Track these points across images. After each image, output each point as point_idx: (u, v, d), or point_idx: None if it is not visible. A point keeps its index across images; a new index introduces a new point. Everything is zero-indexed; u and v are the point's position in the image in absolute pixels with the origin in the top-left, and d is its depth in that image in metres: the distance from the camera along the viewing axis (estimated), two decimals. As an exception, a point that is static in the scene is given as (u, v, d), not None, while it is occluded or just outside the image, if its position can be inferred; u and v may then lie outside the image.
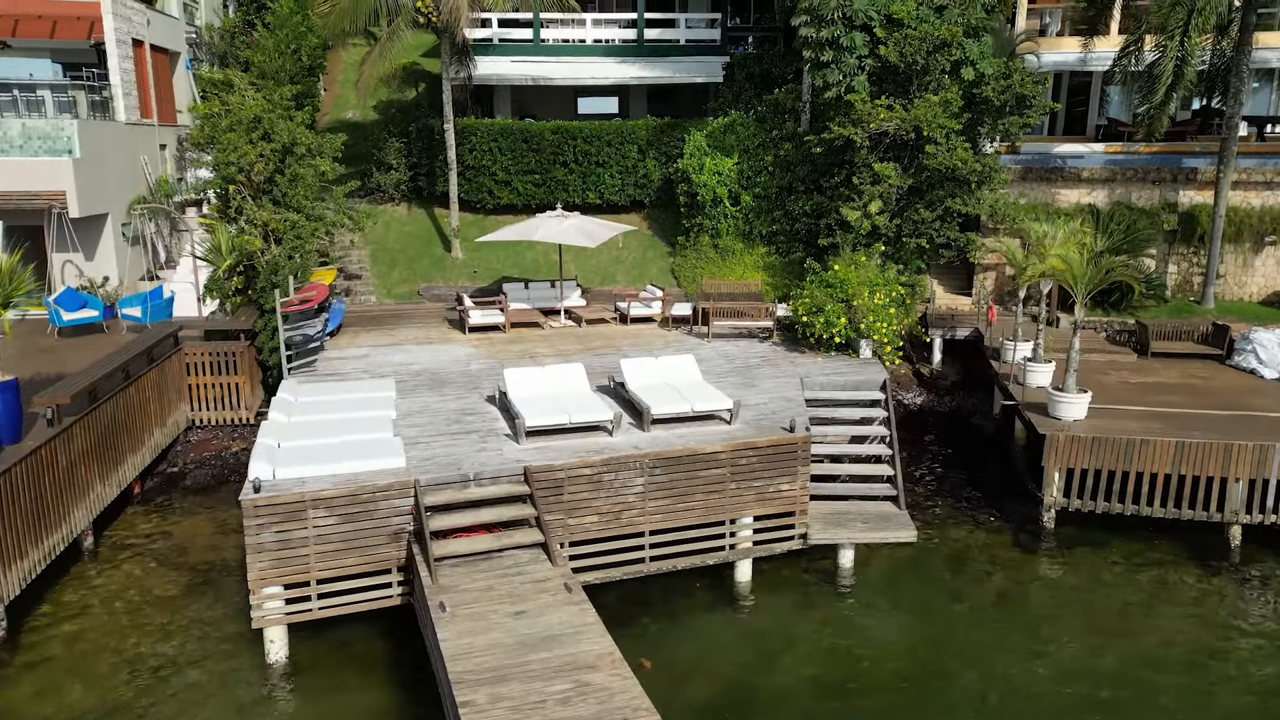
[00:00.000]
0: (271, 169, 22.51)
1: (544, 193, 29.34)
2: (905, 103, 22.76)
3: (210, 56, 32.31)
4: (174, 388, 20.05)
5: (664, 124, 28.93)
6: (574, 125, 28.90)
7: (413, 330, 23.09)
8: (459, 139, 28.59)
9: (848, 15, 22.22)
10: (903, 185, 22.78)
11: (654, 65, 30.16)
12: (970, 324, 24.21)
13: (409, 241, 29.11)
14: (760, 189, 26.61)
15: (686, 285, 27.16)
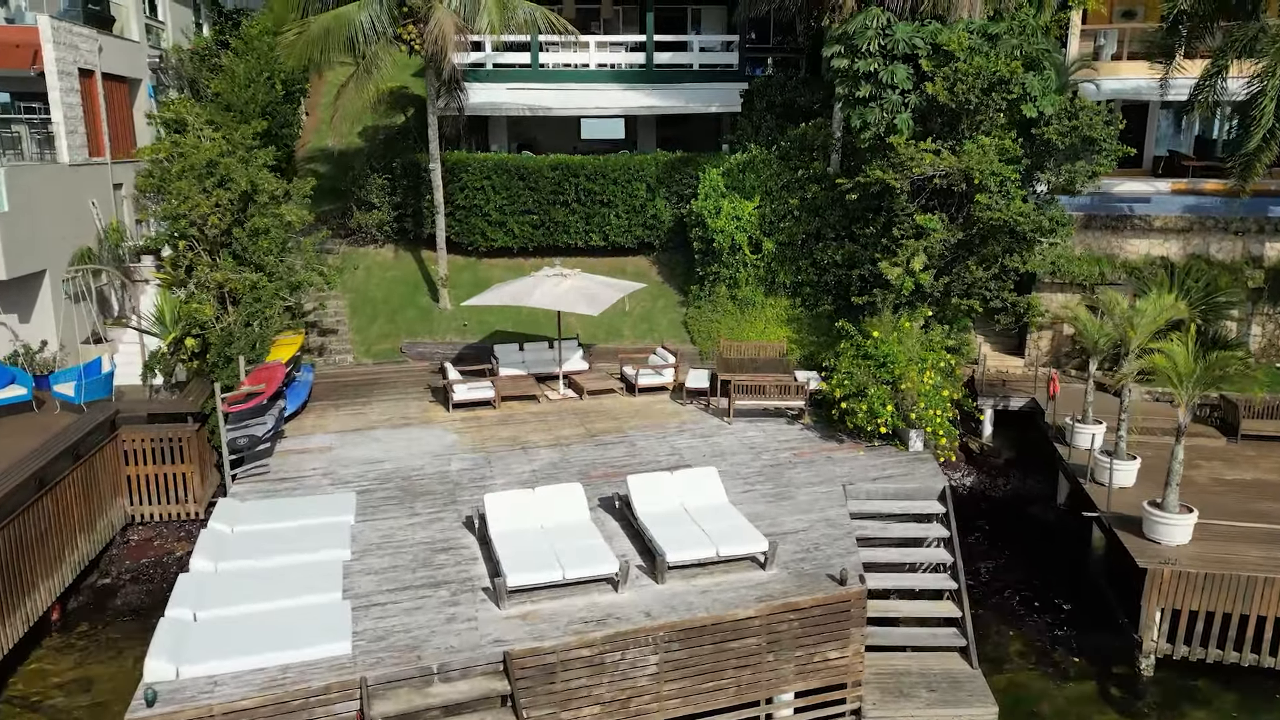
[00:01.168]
0: (229, 220, 19.68)
1: (542, 234, 26.47)
2: (954, 144, 19.83)
3: (178, 81, 29.50)
4: (108, 482, 17.22)
5: (675, 159, 26.00)
6: (576, 161, 26.01)
7: (389, 405, 20.22)
8: (448, 176, 25.74)
9: (888, 46, 19.27)
10: (950, 239, 19.83)
11: (664, 93, 27.27)
12: (1025, 392, 21.25)
13: (393, 289, 26.23)
14: (784, 236, 23.67)
15: (701, 342, 24.23)
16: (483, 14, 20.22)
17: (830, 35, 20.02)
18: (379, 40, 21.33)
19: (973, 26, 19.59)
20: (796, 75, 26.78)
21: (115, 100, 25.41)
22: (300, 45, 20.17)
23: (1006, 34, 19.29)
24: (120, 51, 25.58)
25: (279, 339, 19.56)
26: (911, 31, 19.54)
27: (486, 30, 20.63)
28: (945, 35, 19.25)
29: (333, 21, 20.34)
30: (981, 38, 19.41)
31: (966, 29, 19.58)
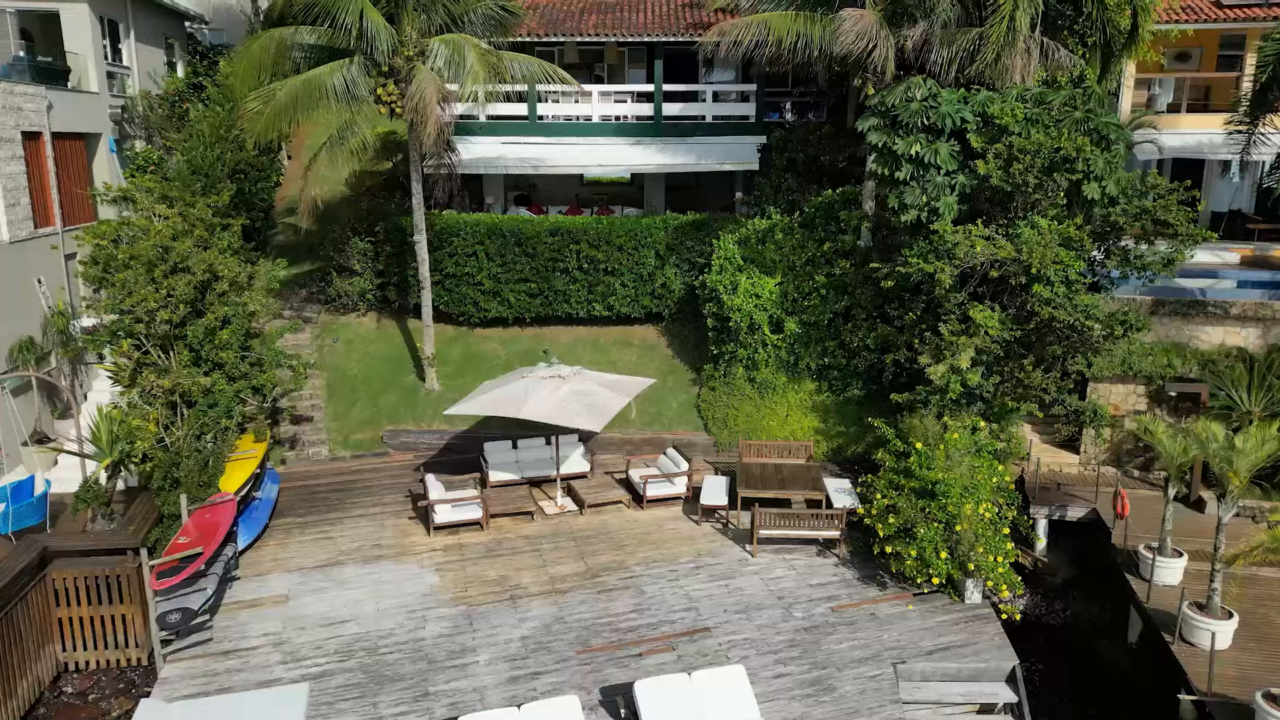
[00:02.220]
0: (183, 313, 17.30)
1: (540, 304, 24.06)
2: (1007, 226, 17.36)
3: (145, 131, 27.14)
4: (35, 630, 14.78)
5: (686, 223, 23.56)
6: (578, 225, 23.59)
7: (363, 523, 17.78)
8: (437, 242, 23.34)
9: (932, 120, 16.79)
10: (1005, 336, 17.33)
11: (674, 148, 24.80)
12: (1084, 499, 18.77)
13: (375, 366, 23.80)
14: (809, 315, 21.19)
15: (716, 429, 21.75)
16: (467, 78, 17.79)
17: (867, 105, 17.55)
18: (355, 104, 18.91)
19: (1027, 94, 17.10)
20: (820, 128, 24.30)
21: (69, 160, 23.05)
22: (266, 117, 17.73)
23: (1068, 105, 16.79)
24: (76, 106, 23.21)
25: (236, 454, 17.15)
26: (957, 101, 17.07)
27: (471, 97, 18.18)
28: (997, 106, 16.77)
29: (302, 88, 17.92)
30: (1039, 107, 16.92)
31: (1020, 97, 17.10)
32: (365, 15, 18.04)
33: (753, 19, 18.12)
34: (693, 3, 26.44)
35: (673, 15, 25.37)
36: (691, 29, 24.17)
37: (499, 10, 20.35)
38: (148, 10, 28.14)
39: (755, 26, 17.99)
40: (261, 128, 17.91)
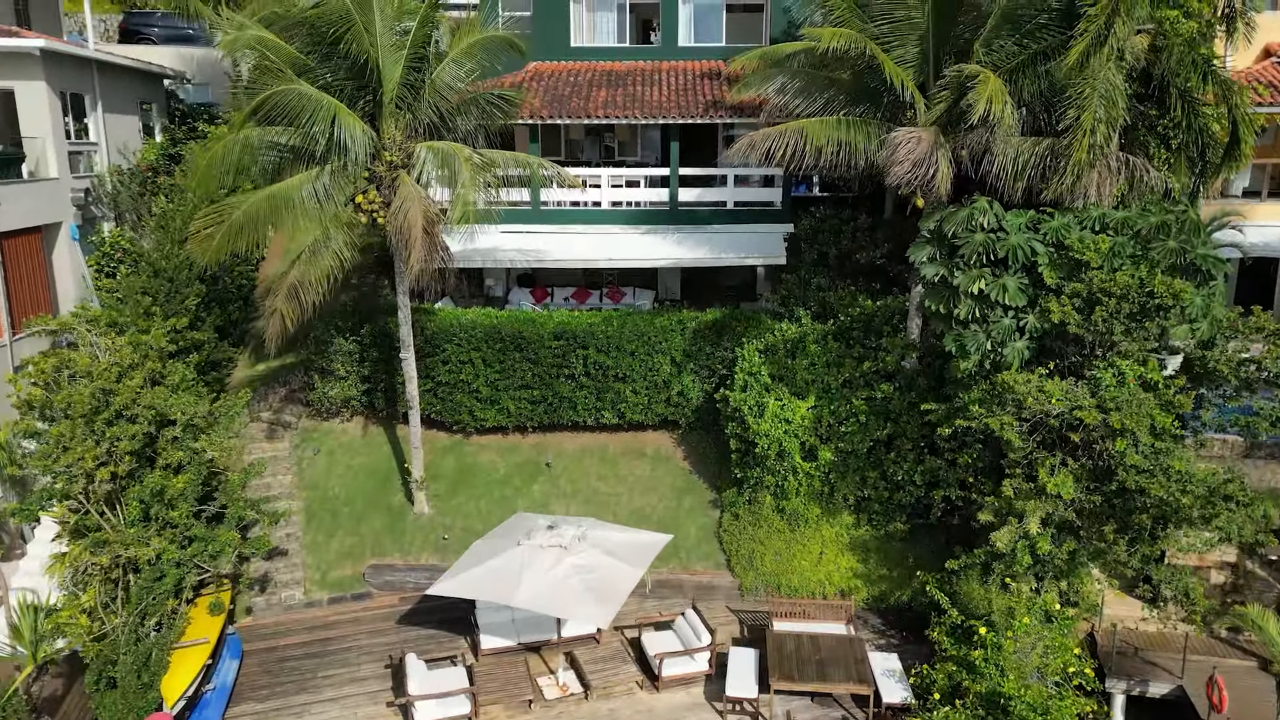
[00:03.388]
0: (128, 465, 14.98)
1: (543, 412, 21.65)
2: (1081, 364, 14.86)
3: (114, 211, 24.89)
4: None
5: (706, 325, 21.09)
6: (584, 327, 21.15)
7: (332, 712, 15.36)
8: (428, 348, 21.00)
9: (997, 254, 14.30)
10: (1083, 502, 14.83)
11: (692, 239, 22.36)
12: (1167, 669, 16.26)
13: (359, 483, 21.41)
14: (846, 444, 18.71)
15: (740, 568, 19.27)
16: (457, 201, 15.39)
17: (921, 230, 15.09)
18: (330, 216, 16.56)
19: (1109, 219, 14.58)
20: (854, 219, 21.82)
21: (22, 257, 20.81)
22: (219, 238, 15.35)
23: (1160, 233, 14.28)
24: (29, 197, 20.97)
25: (184, 641, 14.76)
26: (1025, 226, 14.57)
27: (460, 222, 15.78)
28: (1074, 236, 14.25)
29: (265, 203, 15.57)
30: (1125, 235, 14.40)
31: (1101, 223, 14.58)
32: (339, 121, 15.68)
33: (786, 127, 15.70)
34: (711, 74, 24.01)
35: (690, 91, 22.94)
36: (711, 110, 21.73)
37: (496, 100, 17.97)
38: (118, 76, 25.90)
39: (790, 135, 15.57)
40: (214, 251, 15.53)
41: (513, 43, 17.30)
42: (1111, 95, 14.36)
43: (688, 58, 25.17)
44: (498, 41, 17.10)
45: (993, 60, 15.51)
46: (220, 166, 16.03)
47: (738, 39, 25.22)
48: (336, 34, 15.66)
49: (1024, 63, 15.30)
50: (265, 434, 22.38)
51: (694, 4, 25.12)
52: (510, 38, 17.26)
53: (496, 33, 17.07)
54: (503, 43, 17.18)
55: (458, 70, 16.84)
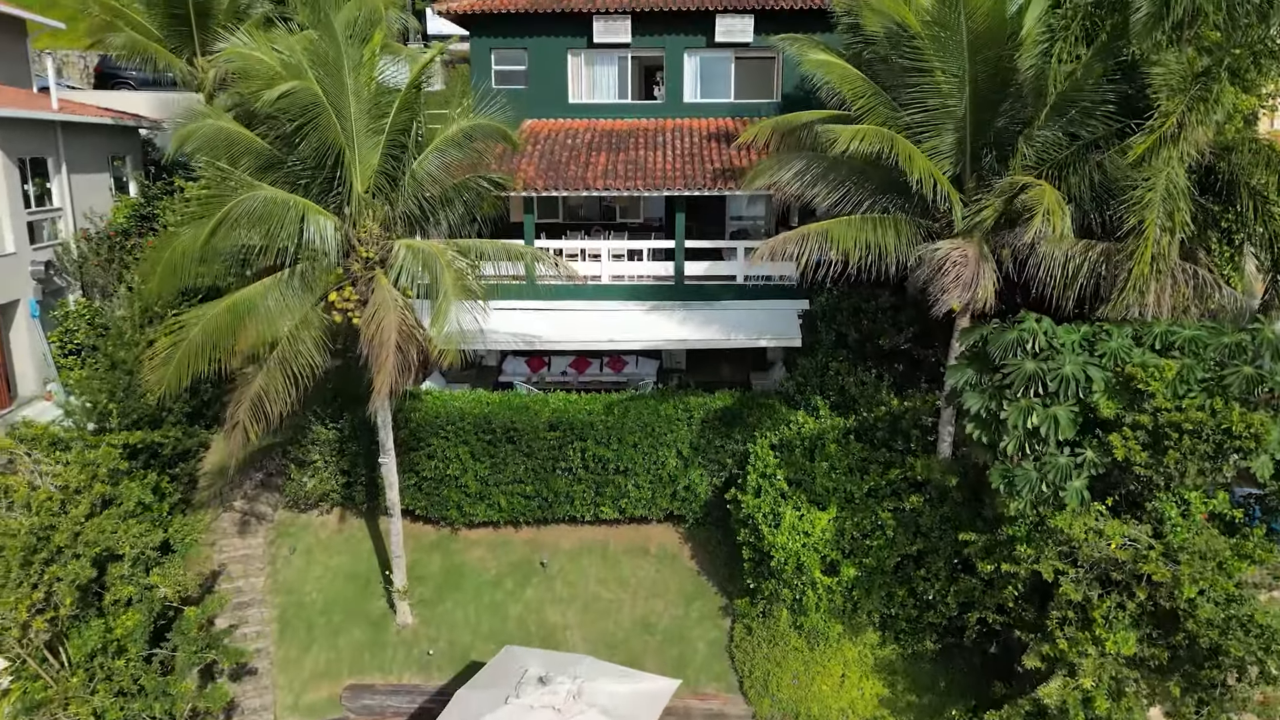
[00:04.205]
0: (69, 610, 13.29)
1: (537, 507, 19.96)
2: (1141, 493, 13.15)
3: (79, 280, 23.23)
4: None
5: (715, 413, 19.40)
6: (582, 415, 19.48)
7: None
8: (413, 440, 19.32)
9: (1048, 382, 12.57)
10: (1147, 658, 13.09)
11: (700, 316, 20.65)
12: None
13: (337, 588, 19.68)
14: (871, 559, 16.99)
15: (755, 696, 17.50)
16: (439, 312, 13.69)
17: (959, 350, 13.39)
18: (299, 320, 14.85)
19: (1174, 338, 12.86)
20: (875, 297, 20.10)
21: (-30, 344, 19.18)
22: (177, 362, 13.61)
23: (1233, 356, 12.56)
24: (-21, 277, 19.36)
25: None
26: (1080, 347, 12.85)
27: (442, 343, 14.08)
28: (1136, 361, 12.52)
29: (225, 316, 13.88)
30: (1193, 358, 12.68)
31: (1165, 342, 12.86)
32: (309, 220, 14.00)
33: (807, 231, 14.01)
34: (719, 134, 22.34)
35: (696, 156, 21.27)
36: (720, 180, 20.04)
37: (485, 185, 16.30)
38: (85, 134, 24.29)
39: (812, 239, 13.87)
40: (172, 379, 13.80)
41: (505, 134, 15.60)
42: (1176, 199, 12.67)
43: (694, 115, 23.54)
44: (486, 130, 15.40)
45: (1038, 152, 13.82)
46: (178, 270, 14.33)
47: (747, 93, 23.61)
48: (304, 122, 13.99)
49: (1074, 155, 13.61)
50: (238, 527, 20.68)
51: (700, 57, 23.49)
52: (502, 129, 15.56)
53: (485, 121, 15.36)
54: (493, 132, 15.48)
55: (441, 159, 15.16)
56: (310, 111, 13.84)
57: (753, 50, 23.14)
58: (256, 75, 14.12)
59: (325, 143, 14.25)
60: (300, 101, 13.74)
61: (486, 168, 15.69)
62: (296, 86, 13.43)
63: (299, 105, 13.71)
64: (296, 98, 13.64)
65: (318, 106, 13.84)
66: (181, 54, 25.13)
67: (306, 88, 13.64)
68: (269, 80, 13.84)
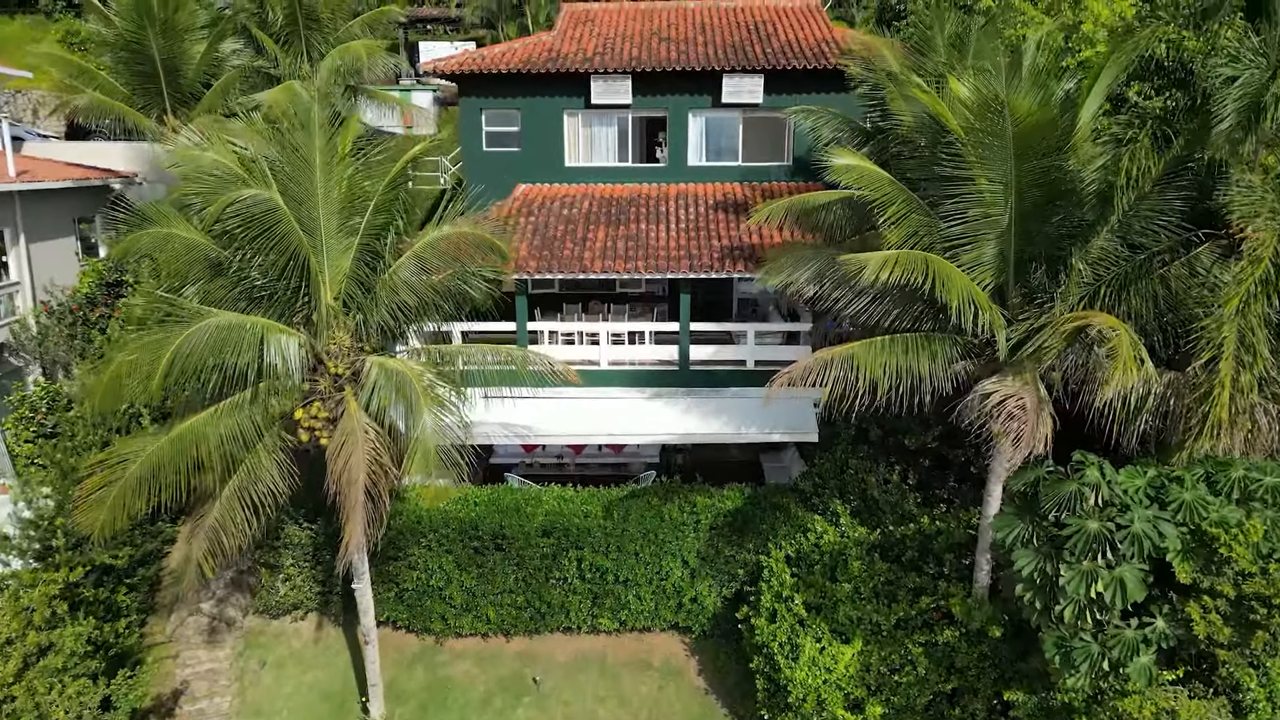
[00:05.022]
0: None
1: (529, 618, 18.29)
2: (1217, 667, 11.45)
3: (40, 359, 21.59)
4: None
5: (723, 516, 17.75)
6: (578, 518, 17.84)
7: None
8: (391, 549, 17.66)
9: (1116, 542, 10.88)
10: None
11: (707, 406, 18.99)
12: None
13: (312, 707, 17.93)
14: (900, 697, 15.26)
15: (769, 840, 15.81)
16: (414, 454, 12.04)
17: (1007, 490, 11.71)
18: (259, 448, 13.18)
19: (1255, 484, 11.17)
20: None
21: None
22: (113, 501, 11.98)
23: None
24: (-80, 371, 17.71)
25: None
26: (1148, 496, 11.16)
27: (418, 473, 12.42)
28: (1214, 516, 10.83)
29: (169, 450, 12.23)
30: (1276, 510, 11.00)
31: (1244, 488, 11.17)
32: (268, 342, 12.35)
33: (831, 355, 12.34)
34: (726, 203, 20.72)
35: (702, 230, 19.64)
36: (728, 260, 18.41)
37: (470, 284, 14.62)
38: (48, 199, 22.69)
39: (837, 366, 12.21)
40: (106, 521, 12.14)
41: (493, 245, 13.94)
42: (1255, 329, 11.02)
43: (699, 179, 21.93)
44: (472, 241, 13.70)
45: (1094, 267, 12.17)
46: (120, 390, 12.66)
47: (757, 155, 22.00)
48: (263, 233, 12.37)
49: (1136, 270, 11.96)
50: (204, 635, 19.00)
51: (705, 118, 21.89)
52: (490, 240, 13.87)
53: (470, 230, 13.67)
54: (480, 243, 13.80)
55: (419, 266, 13.50)
56: (270, 220, 12.22)
57: (762, 109, 21.55)
58: (209, 178, 12.50)
59: (288, 253, 12.62)
60: (258, 211, 12.12)
61: (473, 257, 13.94)
62: (251, 197, 11.82)
63: (257, 215, 12.09)
64: (259, 205, 12.03)
65: (277, 215, 12.22)
66: (151, 112, 23.56)
67: (264, 197, 12.03)
68: (223, 183, 12.24)
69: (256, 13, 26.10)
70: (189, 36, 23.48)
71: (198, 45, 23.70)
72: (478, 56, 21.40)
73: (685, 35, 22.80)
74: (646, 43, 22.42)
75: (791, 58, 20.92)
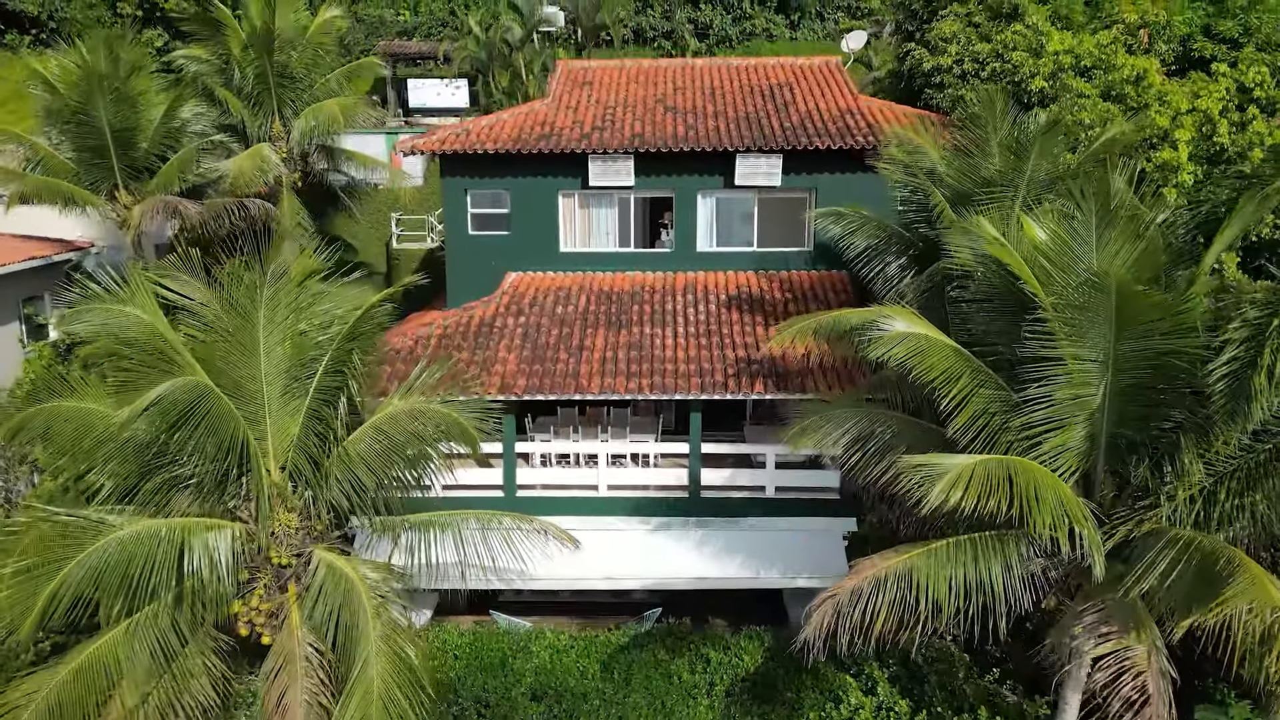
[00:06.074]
0: None
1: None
2: None
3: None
4: None
5: (741, 681, 15.42)
6: (572, 682, 15.50)
7: None
8: (359, 715, 15.27)
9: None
10: None
11: (720, 540, 16.64)
12: None
13: None
14: None
15: None
16: (353, 700, 9.67)
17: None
18: (186, 665, 10.86)
19: None
20: (940, 523, 16.08)
21: None
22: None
23: None
24: None
25: None
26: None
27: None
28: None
29: (75, 685, 9.89)
30: None
31: None
32: (191, 547, 10.04)
33: (883, 569, 9.98)
34: (740, 299, 18.41)
35: (714, 337, 17.33)
36: (743, 379, 16.10)
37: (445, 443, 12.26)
38: (-15, 288, 20.44)
39: (891, 585, 9.85)
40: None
41: (466, 432, 11.57)
42: None
43: (709, 266, 19.62)
44: (442, 422, 11.35)
45: (1204, 455, 9.86)
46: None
47: (773, 239, 19.69)
48: (192, 417, 10.09)
49: (1264, 468, 9.64)
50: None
51: (715, 198, 19.59)
52: (464, 427, 11.52)
53: (440, 410, 11.31)
54: (452, 429, 11.45)
55: (377, 442, 11.19)
56: (201, 409, 9.95)
57: (779, 190, 19.26)
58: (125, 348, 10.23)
59: (224, 435, 10.32)
60: (186, 399, 9.85)
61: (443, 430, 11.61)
62: (177, 388, 9.55)
63: (184, 401, 9.80)
64: (180, 397, 9.76)
65: (210, 401, 9.95)
66: (101, 189, 21.27)
67: (193, 384, 9.76)
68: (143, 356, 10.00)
69: (222, 69, 23.83)
70: (143, 101, 21.19)
71: (155, 110, 21.41)
72: (462, 134, 19.11)
73: (694, 103, 20.50)
74: (650, 113, 20.13)
75: (814, 135, 18.62)
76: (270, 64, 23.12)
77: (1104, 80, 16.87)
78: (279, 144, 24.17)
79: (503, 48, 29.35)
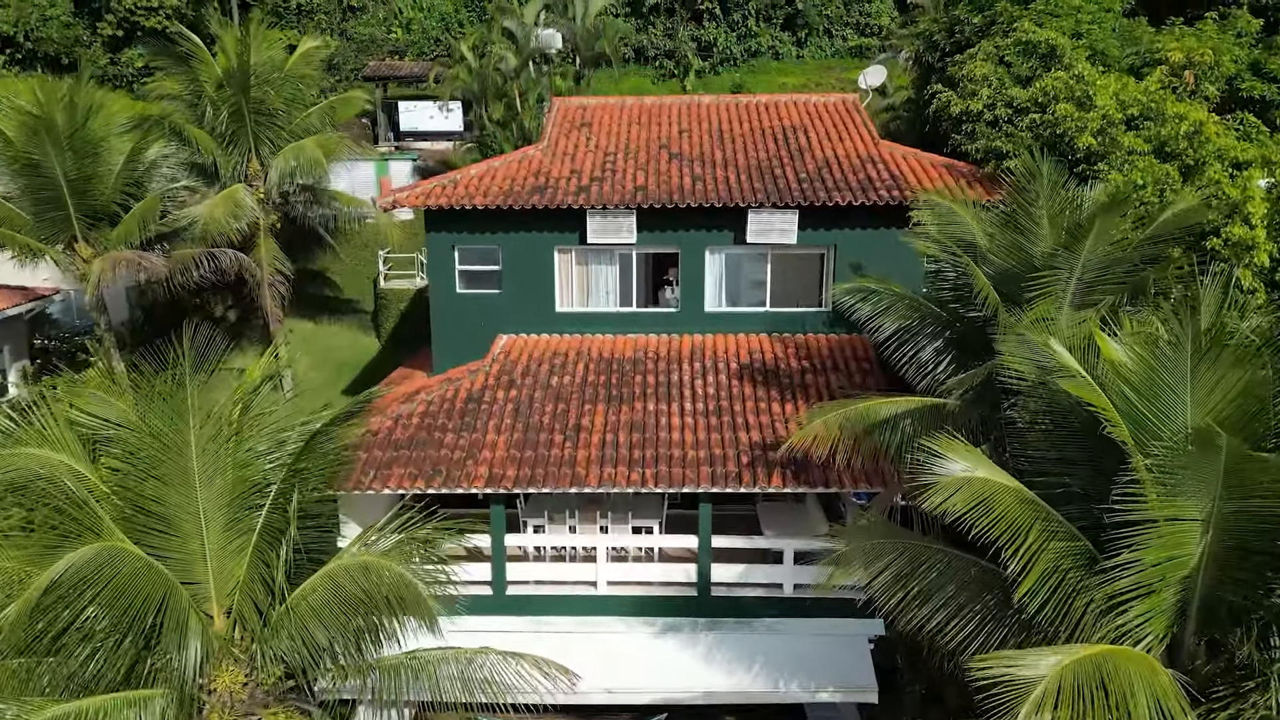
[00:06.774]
0: None
1: None
2: None
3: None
4: None
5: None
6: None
7: None
8: None
9: None
10: None
11: (732, 644, 14.95)
12: None
13: None
14: None
15: None
16: None
17: None
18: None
19: None
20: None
21: None
22: None
23: None
24: None
25: None
26: None
27: None
28: None
29: None
30: None
31: None
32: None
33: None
34: (753, 368, 16.79)
35: (725, 415, 15.71)
36: (758, 467, 14.48)
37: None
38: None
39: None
40: None
41: (420, 600, 9.95)
42: None
43: (718, 328, 18.00)
44: (399, 590, 9.74)
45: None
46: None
47: (787, 299, 18.11)
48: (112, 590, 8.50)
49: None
50: None
51: (724, 254, 17.99)
52: (420, 594, 9.91)
53: (393, 571, 9.67)
54: (407, 595, 9.84)
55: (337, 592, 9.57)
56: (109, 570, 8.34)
57: (795, 246, 17.65)
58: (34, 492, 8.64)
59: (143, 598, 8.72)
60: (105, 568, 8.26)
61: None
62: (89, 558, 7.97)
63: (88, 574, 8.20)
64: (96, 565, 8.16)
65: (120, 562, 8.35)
66: (58, 240, 19.66)
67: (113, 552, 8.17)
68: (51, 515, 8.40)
69: (194, 104, 22.24)
70: (104, 147, 19.58)
71: (116, 156, 19.79)
72: (449, 186, 17.49)
73: (701, 149, 18.89)
74: (654, 160, 18.52)
75: (833, 189, 17.00)
76: (246, 100, 21.51)
77: (1154, 132, 15.25)
78: (256, 184, 22.58)
79: (496, 78, 27.74)
